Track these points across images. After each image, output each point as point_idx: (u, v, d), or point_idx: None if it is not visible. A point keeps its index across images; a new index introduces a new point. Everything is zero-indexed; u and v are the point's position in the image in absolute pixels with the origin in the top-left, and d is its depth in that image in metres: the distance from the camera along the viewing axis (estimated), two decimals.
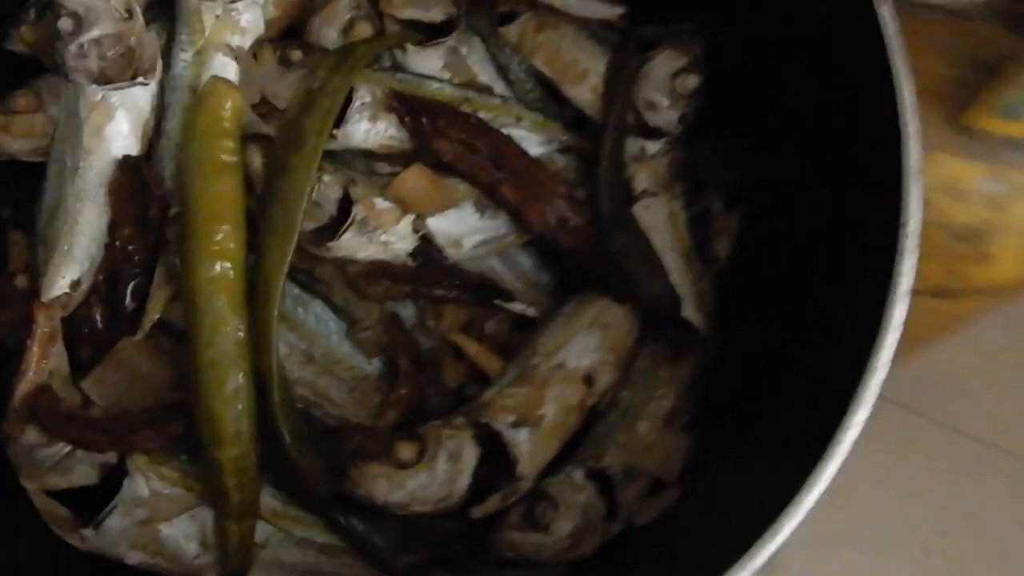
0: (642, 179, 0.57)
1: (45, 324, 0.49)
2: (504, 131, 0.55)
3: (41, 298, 0.49)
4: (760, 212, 0.59)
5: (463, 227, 0.53)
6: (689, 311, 0.56)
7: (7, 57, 0.53)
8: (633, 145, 0.57)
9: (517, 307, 0.57)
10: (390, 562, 0.51)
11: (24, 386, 0.48)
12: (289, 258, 0.49)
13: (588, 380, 0.54)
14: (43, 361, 0.49)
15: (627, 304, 0.56)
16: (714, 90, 0.57)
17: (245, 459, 0.48)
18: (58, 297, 0.50)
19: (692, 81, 0.56)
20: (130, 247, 0.50)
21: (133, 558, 0.48)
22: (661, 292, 0.55)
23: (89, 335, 0.50)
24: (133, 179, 0.50)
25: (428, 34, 0.57)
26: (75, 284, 0.50)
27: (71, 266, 0.50)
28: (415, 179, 0.52)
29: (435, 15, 0.57)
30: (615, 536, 0.52)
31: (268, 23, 0.55)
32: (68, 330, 0.51)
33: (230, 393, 0.47)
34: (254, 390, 0.48)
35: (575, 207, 0.54)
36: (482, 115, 0.54)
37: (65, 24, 0.48)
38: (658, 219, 0.57)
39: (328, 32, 0.57)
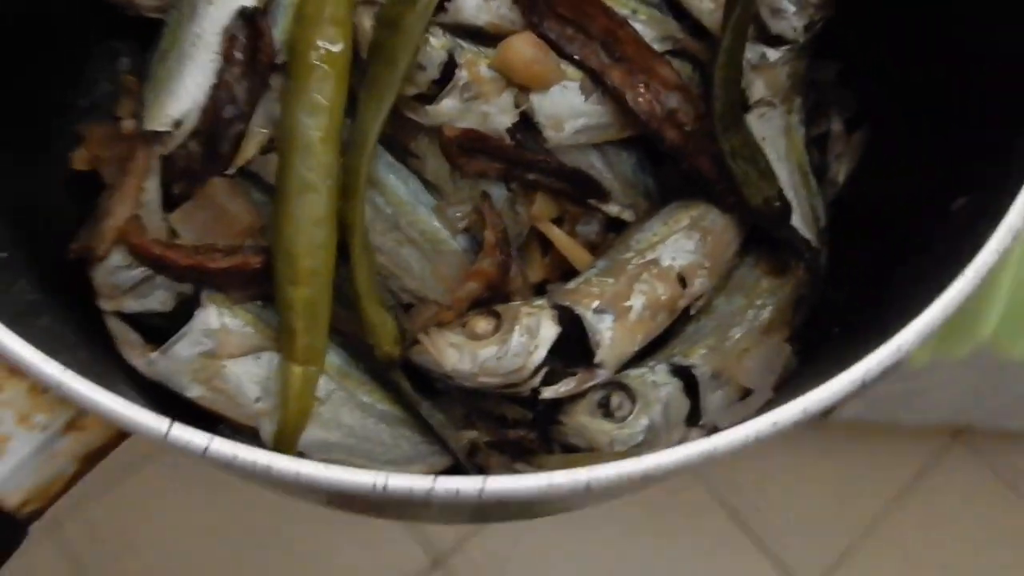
0: (759, 87, 0.55)
1: (144, 157, 0.50)
2: None
3: (143, 129, 0.50)
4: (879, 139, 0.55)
5: (566, 108, 0.51)
6: (799, 221, 0.52)
7: None
8: (753, 51, 0.55)
9: (613, 209, 0.54)
10: (450, 438, 0.49)
11: (118, 211, 0.49)
12: (387, 112, 0.48)
13: (682, 280, 0.51)
14: (138, 192, 0.49)
15: (726, 207, 0.53)
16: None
17: (317, 301, 0.46)
18: (159, 133, 0.50)
19: None
20: (234, 90, 0.50)
21: (194, 391, 0.47)
22: (772, 197, 0.51)
23: (184, 173, 0.50)
24: (248, 27, 0.51)
25: None
26: (177, 123, 0.50)
27: (175, 104, 0.50)
28: (524, 45, 0.50)
29: None
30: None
31: None
32: (165, 169, 0.51)
33: (311, 225, 0.46)
34: (336, 233, 0.47)
35: (686, 100, 0.52)
36: None
37: None
38: (773, 129, 0.54)
39: None
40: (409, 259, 0.51)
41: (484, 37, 0.54)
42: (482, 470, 0.49)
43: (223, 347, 0.47)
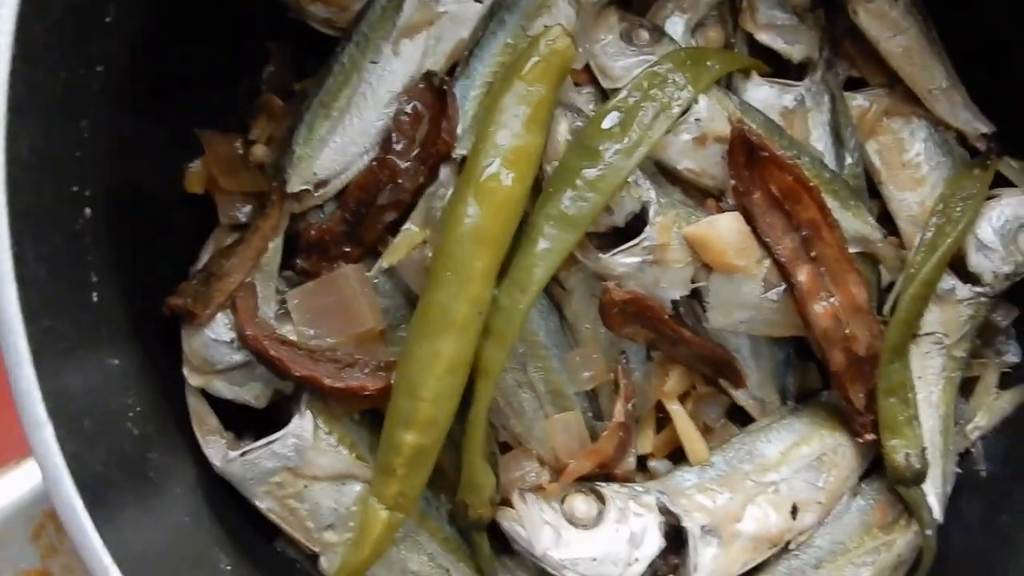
0: (934, 321, 0.50)
1: (277, 214, 0.43)
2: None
3: (284, 186, 0.43)
4: None
5: (741, 297, 0.46)
6: (931, 487, 0.49)
7: None
8: (944, 281, 0.50)
9: (742, 398, 0.50)
10: None
11: (235, 273, 0.42)
12: (568, 252, 0.43)
13: (794, 512, 0.48)
14: (261, 254, 0.43)
15: (862, 444, 0.49)
16: None
17: (427, 451, 0.42)
18: (300, 192, 0.44)
19: None
20: (396, 170, 0.43)
21: (265, 503, 0.43)
22: (914, 455, 0.48)
23: (314, 247, 0.44)
24: (431, 96, 0.44)
25: (775, 71, 0.50)
26: (321, 183, 0.44)
27: (326, 163, 0.44)
28: (732, 228, 0.45)
29: (795, 51, 0.50)
30: None
31: None
32: (291, 229, 0.44)
33: (445, 371, 0.40)
34: (465, 382, 0.42)
35: (866, 327, 0.47)
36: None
37: None
38: (933, 370, 0.50)
39: (676, 21, 0.49)
40: (524, 403, 0.46)
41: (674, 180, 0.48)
42: None
43: (310, 467, 0.42)
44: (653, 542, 0.45)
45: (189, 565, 0.40)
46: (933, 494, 0.49)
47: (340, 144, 0.44)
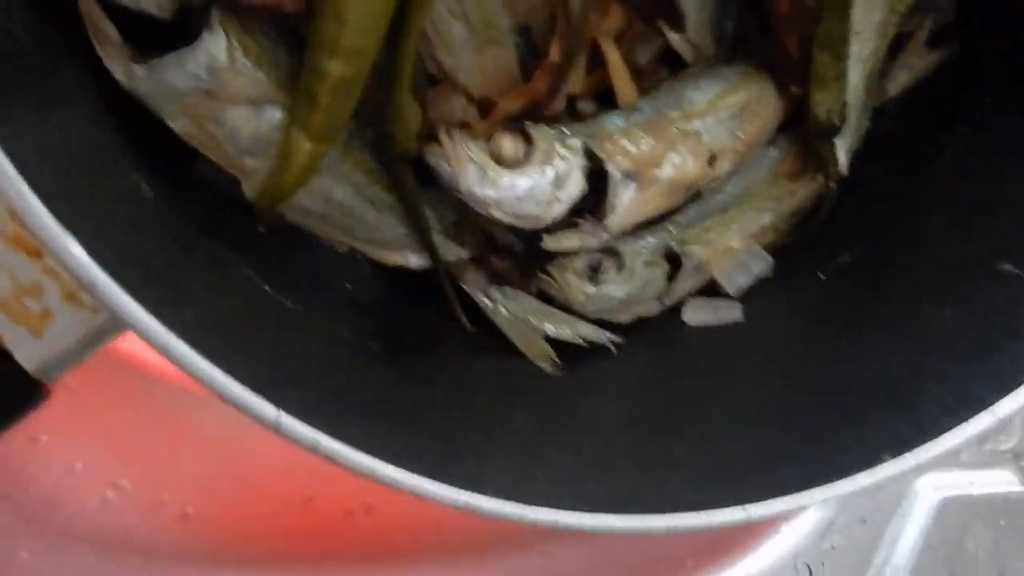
0: None
1: None
2: None
3: None
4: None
5: None
6: (843, 142, 0.50)
7: None
8: None
9: (678, 41, 0.48)
10: (436, 245, 0.47)
11: None
12: None
13: (711, 161, 0.49)
14: None
15: (786, 96, 0.49)
16: None
17: (353, 80, 0.39)
18: None
19: None
20: None
21: (179, 123, 0.40)
22: (835, 111, 0.48)
23: None
24: None
25: None
26: None
27: None
28: None
29: None
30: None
31: None
32: None
33: None
34: (394, 6, 0.39)
35: None
36: None
37: None
38: (871, 25, 0.49)
39: None
40: (454, 34, 0.44)
41: None
42: (453, 280, 0.48)
43: (226, 90, 0.40)
44: (576, 184, 0.45)
45: (104, 175, 0.38)
46: (843, 148, 0.50)
47: None
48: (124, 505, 0.56)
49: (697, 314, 0.50)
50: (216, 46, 0.39)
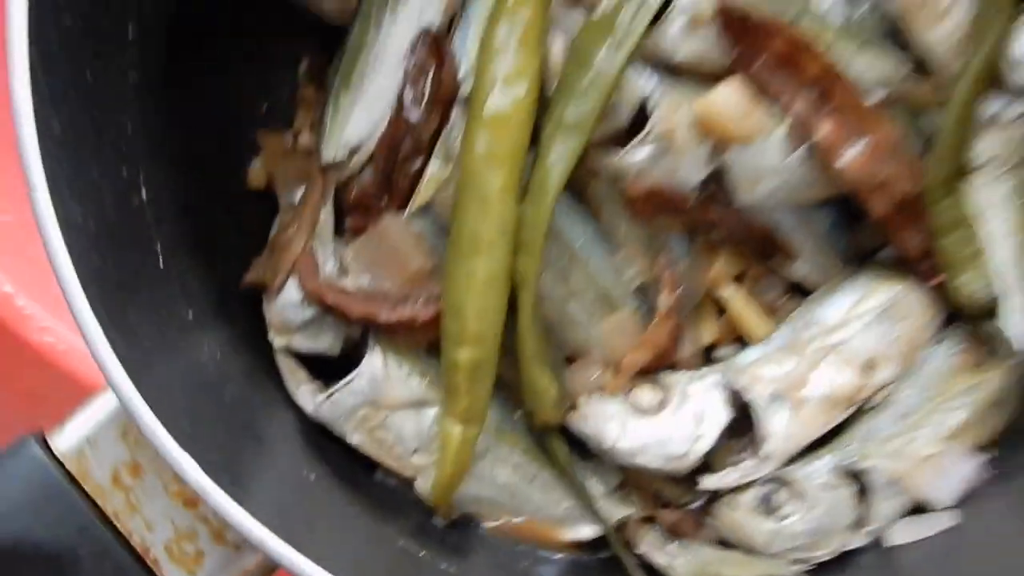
0: (987, 148, 0.48)
1: (320, 185, 0.49)
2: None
3: (321, 159, 0.49)
4: None
5: (764, 166, 0.47)
6: (1008, 318, 0.46)
7: None
8: (984, 108, 0.48)
9: (798, 271, 0.50)
10: (601, 509, 0.48)
11: (295, 243, 0.48)
12: (575, 160, 0.45)
13: (867, 369, 0.47)
14: (314, 223, 0.49)
15: (932, 293, 0.48)
16: None
17: (482, 363, 0.45)
18: (336, 162, 0.49)
19: None
20: (413, 121, 0.48)
21: (355, 438, 0.48)
22: (977, 292, 0.46)
23: (357, 206, 0.49)
24: (432, 50, 0.48)
25: None
26: (354, 151, 0.49)
27: (353, 131, 0.49)
28: (733, 96, 0.45)
29: None
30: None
31: None
32: (339, 197, 0.50)
33: (483, 286, 0.44)
34: (507, 292, 0.45)
35: (903, 167, 0.46)
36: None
37: None
38: (999, 197, 0.48)
39: None
40: (575, 314, 0.49)
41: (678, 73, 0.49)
42: (629, 545, 0.48)
43: (387, 397, 0.47)
44: (717, 417, 0.46)
45: (313, 508, 0.46)
46: (1013, 325, 0.46)
47: (362, 112, 0.49)
48: None
49: (906, 532, 0.45)
50: (374, 364, 0.48)
